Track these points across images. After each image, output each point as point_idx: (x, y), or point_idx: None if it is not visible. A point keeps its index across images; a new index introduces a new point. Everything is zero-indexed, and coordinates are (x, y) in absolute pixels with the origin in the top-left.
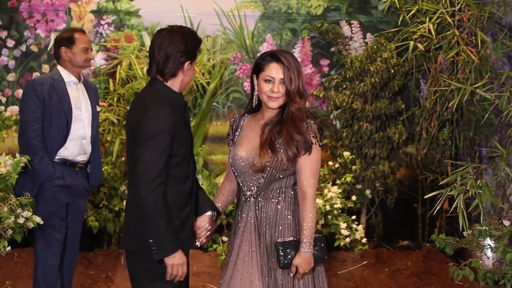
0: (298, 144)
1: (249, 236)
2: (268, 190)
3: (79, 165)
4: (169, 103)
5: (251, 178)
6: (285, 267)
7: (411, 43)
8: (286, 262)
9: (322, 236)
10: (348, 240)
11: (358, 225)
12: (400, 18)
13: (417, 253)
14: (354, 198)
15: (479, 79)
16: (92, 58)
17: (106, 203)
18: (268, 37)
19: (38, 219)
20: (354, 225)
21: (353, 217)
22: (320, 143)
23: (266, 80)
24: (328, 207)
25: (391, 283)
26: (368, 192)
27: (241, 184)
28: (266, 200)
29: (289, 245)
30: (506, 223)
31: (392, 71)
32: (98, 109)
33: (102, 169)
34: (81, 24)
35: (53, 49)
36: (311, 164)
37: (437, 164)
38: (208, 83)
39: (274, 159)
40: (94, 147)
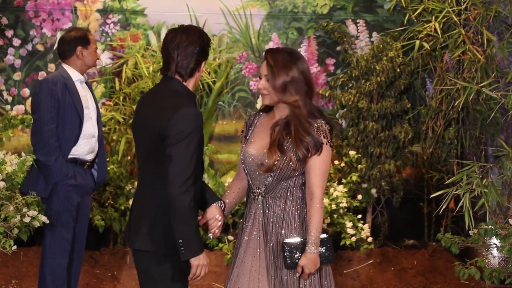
0: (308, 145)
1: (256, 234)
2: (277, 189)
3: (87, 163)
4: (192, 102)
5: (260, 177)
6: (291, 267)
7: (417, 42)
8: (292, 262)
9: (329, 236)
10: (354, 239)
11: (363, 224)
12: (406, 17)
13: (422, 252)
14: (360, 197)
15: (485, 78)
16: (99, 58)
17: (112, 202)
18: (274, 36)
19: (44, 218)
20: (360, 224)
21: (359, 216)
22: (331, 143)
23: (259, 77)
24: (334, 206)
25: (397, 282)
26: (374, 191)
27: (250, 182)
28: (274, 199)
29: (295, 246)
30: None
31: (398, 70)
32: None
33: (108, 168)
34: (87, 23)
35: (63, 46)
36: (320, 164)
37: (443, 163)
38: (214, 82)
39: (283, 159)
40: (100, 144)
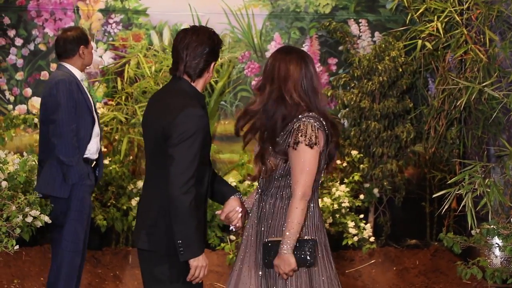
0: (277, 151)
1: (250, 231)
2: (270, 188)
3: (94, 162)
4: (199, 103)
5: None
6: (267, 266)
7: (419, 41)
8: (269, 261)
9: (311, 239)
10: (356, 239)
11: (366, 224)
12: (408, 17)
13: (425, 252)
14: (362, 197)
15: (487, 77)
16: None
17: (114, 202)
18: (276, 36)
19: (46, 218)
20: (362, 224)
21: (361, 216)
22: (311, 142)
23: None
24: (336, 205)
25: (399, 282)
26: (376, 191)
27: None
28: (268, 197)
29: (274, 245)
30: None
31: (400, 70)
32: None
33: (110, 168)
34: (89, 23)
35: (65, 46)
36: (298, 161)
37: (445, 163)
38: (216, 82)
39: (262, 169)
40: (100, 142)
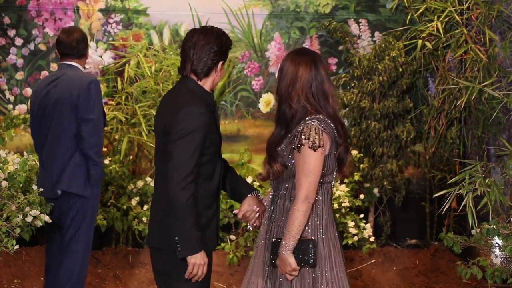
0: (281, 154)
1: (262, 231)
2: (280, 189)
3: None
4: (202, 101)
5: None
6: (274, 266)
7: (419, 41)
8: (274, 261)
9: (311, 239)
10: (356, 238)
11: (366, 223)
12: (408, 17)
13: (425, 252)
14: (362, 196)
15: (487, 77)
16: None
17: (114, 202)
18: (276, 35)
19: (46, 218)
20: (362, 224)
21: (361, 216)
22: (314, 145)
23: None
24: (336, 205)
25: (399, 282)
26: (376, 190)
27: None
28: (279, 198)
29: (278, 245)
30: None
31: (400, 70)
32: None
33: (110, 167)
34: (89, 22)
35: (78, 46)
36: (302, 163)
37: (445, 162)
38: None
39: (271, 172)
40: None
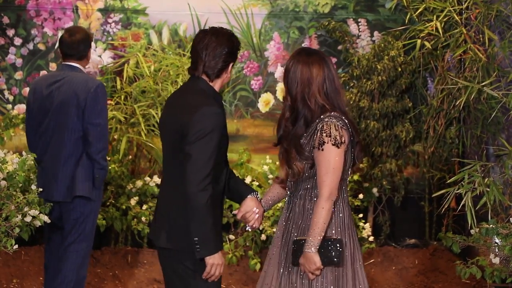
0: (303, 154)
1: (278, 233)
2: (298, 190)
3: None
4: (216, 102)
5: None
6: (295, 265)
7: (419, 41)
8: (296, 260)
9: (338, 239)
10: None
11: (365, 223)
12: (408, 16)
13: (424, 251)
14: (361, 196)
15: (487, 77)
16: None
17: (113, 202)
18: (275, 35)
19: (45, 218)
20: (361, 223)
21: (360, 215)
22: (338, 142)
23: None
24: None
25: (398, 281)
26: (375, 190)
27: None
28: (297, 199)
29: (300, 244)
30: None
31: (399, 69)
32: None
33: (109, 167)
34: (88, 22)
35: (78, 47)
36: (324, 162)
37: (444, 162)
38: None
39: (290, 173)
40: None
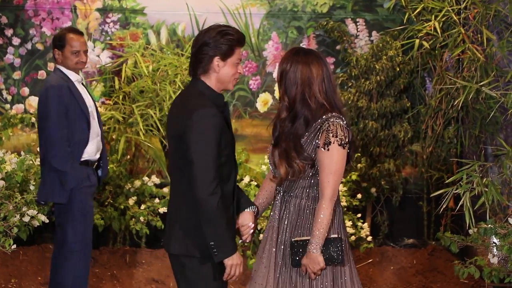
0: (303, 153)
1: (271, 232)
2: (294, 189)
3: (95, 163)
4: (212, 103)
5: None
6: (296, 266)
7: (417, 41)
8: (297, 260)
9: (339, 237)
10: (353, 238)
11: (363, 223)
12: (406, 16)
13: (422, 251)
14: (359, 196)
15: (485, 77)
16: (84, 61)
17: (111, 201)
18: (274, 35)
19: (43, 218)
20: (359, 223)
21: (359, 215)
22: (343, 142)
23: None
24: None
25: (396, 281)
26: (373, 190)
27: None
28: (291, 198)
29: (302, 244)
30: None
31: (398, 69)
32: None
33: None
34: (87, 22)
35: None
36: (330, 162)
37: (443, 162)
38: None
39: (290, 171)
40: (102, 141)
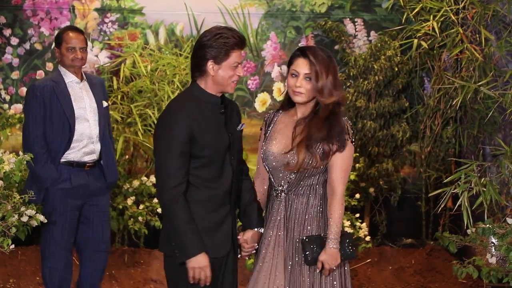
0: (333, 141)
1: (277, 231)
2: (299, 187)
3: (87, 164)
4: (195, 104)
5: (283, 174)
6: (311, 264)
7: (415, 41)
8: (312, 258)
9: (349, 233)
10: None
11: (361, 223)
12: (404, 16)
13: (420, 251)
14: (358, 196)
15: (483, 77)
16: (79, 58)
17: (110, 201)
18: (272, 35)
19: (41, 218)
20: (357, 223)
21: (357, 215)
22: (353, 139)
23: (292, 74)
24: None
25: (395, 281)
26: (371, 190)
27: (272, 179)
28: (297, 196)
29: (316, 241)
30: (510, 221)
31: (396, 69)
32: (105, 104)
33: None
34: (85, 22)
35: None
36: (343, 160)
37: (441, 162)
38: None
39: (310, 158)
40: (104, 143)
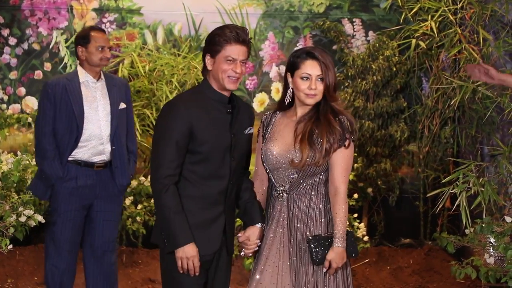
0: (335, 138)
1: (281, 231)
2: (301, 186)
3: (97, 165)
4: (200, 99)
5: (284, 174)
6: (319, 263)
7: (413, 41)
8: (319, 257)
9: (350, 231)
10: None
11: (360, 223)
12: (402, 16)
13: (418, 251)
14: (356, 196)
15: None
16: (108, 57)
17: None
18: (270, 35)
19: (40, 218)
20: (356, 223)
21: (355, 215)
22: (353, 138)
23: (303, 78)
24: None
25: (393, 281)
26: (370, 190)
27: (273, 179)
28: (299, 196)
29: (321, 241)
30: (508, 219)
31: (394, 69)
32: (122, 106)
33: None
34: (83, 22)
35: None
36: (344, 159)
37: (439, 162)
38: None
39: (312, 154)
40: (117, 145)
